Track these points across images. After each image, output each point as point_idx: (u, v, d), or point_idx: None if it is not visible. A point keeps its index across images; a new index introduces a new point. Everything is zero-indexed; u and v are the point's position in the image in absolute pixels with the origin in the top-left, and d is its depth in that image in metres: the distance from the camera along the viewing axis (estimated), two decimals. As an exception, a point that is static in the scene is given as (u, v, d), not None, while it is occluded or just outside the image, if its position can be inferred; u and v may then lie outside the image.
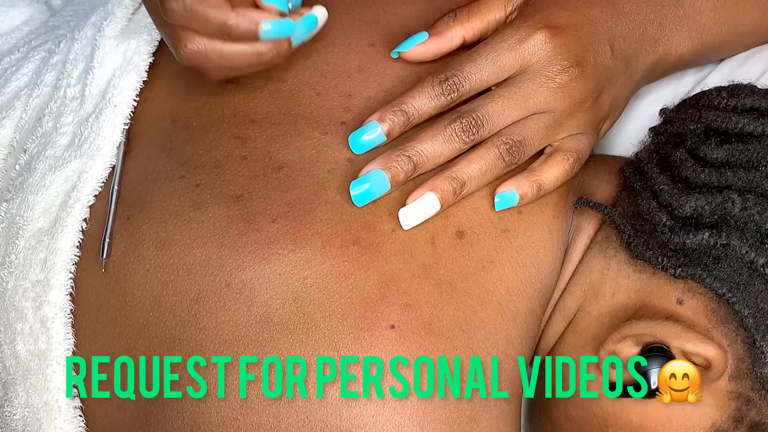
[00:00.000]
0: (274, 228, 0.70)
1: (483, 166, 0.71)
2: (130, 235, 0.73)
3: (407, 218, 0.70)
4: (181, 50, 0.68)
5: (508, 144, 0.71)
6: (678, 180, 0.74)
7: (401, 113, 0.71)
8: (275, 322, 0.68)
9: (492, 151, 0.71)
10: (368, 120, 0.71)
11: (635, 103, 0.91)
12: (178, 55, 0.68)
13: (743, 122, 0.75)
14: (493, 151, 0.71)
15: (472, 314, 0.70)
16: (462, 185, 0.71)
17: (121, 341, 0.72)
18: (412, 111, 0.71)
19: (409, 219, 0.70)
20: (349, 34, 0.79)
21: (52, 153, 0.78)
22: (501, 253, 0.72)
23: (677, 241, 0.72)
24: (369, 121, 0.71)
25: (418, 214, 0.70)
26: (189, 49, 0.67)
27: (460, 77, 0.71)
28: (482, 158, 0.71)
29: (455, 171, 0.71)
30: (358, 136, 0.71)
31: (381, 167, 0.70)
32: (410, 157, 0.70)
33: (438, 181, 0.70)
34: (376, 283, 0.69)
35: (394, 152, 0.70)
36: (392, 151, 0.70)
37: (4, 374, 0.75)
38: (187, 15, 0.66)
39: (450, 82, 0.71)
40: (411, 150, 0.70)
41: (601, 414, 0.73)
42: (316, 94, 0.76)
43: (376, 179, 0.70)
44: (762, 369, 0.70)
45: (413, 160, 0.70)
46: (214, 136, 0.75)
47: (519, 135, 0.72)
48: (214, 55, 0.68)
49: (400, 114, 0.71)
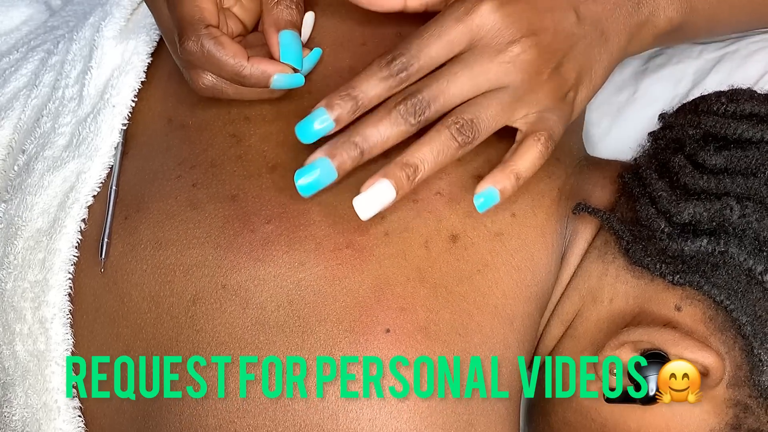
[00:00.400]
0: (269, 229, 0.70)
1: (434, 149, 0.67)
2: (128, 235, 0.73)
3: (363, 207, 0.67)
4: (196, 84, 0.71)
5: (459, 123, 0.67)
6: (677, 186, 0.74)
7: (348, 98, 0.66)
8: (271, 324, 0.68)
9: (443, 133, 0.67)
10: (316, 107, 0.67)
11: (634, 104, 0.92)
12: (194, 87, 0.72)
13: (742, 128, 0.75)
14: (443, 133, 0.67)
15: (469, 318, 0.70)
16: (415, 170, 0.67)
17: (120, 342, 0.72)
18: (360, 95, 0.66)
19: (366, 208, 0.67)
20: (341, 34, 0.78)
21: (50, 153, 0.78)
22: (495, 256, 0.72)
23: (675, 248, 0.72)
24: (317, 108, 0.67)
25: (374, 203, 0.67)
26: (204, 84, 0.72)
27: (407, 56, 0.66)
28: (433, 140, 0.67)
29: (406, 156, 0.67)
30: (309, 124, 0.67)
31: (327, 155, 0.66)
32: (356, 143, 0.66)
33: (390, 168, 0.67)
34: (370, 287, 0.69)
35: (339, 139, 0.66)
36: (338, 138, 0.67)
37: (3, 375, 0.76)
38: (203, 58, 0.69)
39: (397, 62, 0.66)
40: (356, 136, 0.66)
41: (599, 419, 0.74)
42: (308, 92, 0.76)
43: (322, 168, 0.67)
44: (760, 376, 0.70)
45: (359, 146, 0.66)
46: (210, 134, 0.75)
47: (470, 114, 0.68)
48: (229, 90, 0.72)
49: (347, 99, 0.67)
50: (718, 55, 0.93)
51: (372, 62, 0.67)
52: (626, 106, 0.93)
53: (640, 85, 0.94)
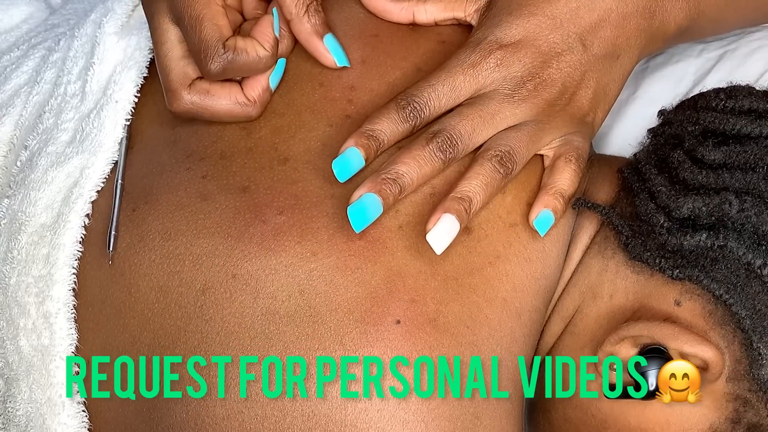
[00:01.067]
0: (281, 220, 0.71)
1: (483, 181, 0.71)
2: (136, 226, 0.73)
3: (437, 242, 0.70)
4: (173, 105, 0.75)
5: (498, 156, 0.72)
6: (676, 181, 0.75)
7: (375, 140, 0.71)
8: (281, 314, 0.68)
9: (486, 165, 0.72)
10: (346, 146, 0.71)
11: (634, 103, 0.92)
12: (170, 107, 0.75)
13: (741, 124, 0.75)
14: (487, 165, 0.72)
15: (478, 311, 0.71)
16: (470, 203, 0.71)
17: (126, 334, 0.72)
18: (383, 137, 0.71)
19: (439, 243, 0.70)
20: (353, 25, 0.79)
21: (53, 149, 0.78)
22: (508, 247, 0.73)
23: (675, 243, 0.73)
24: (348, 148, 0.71)
25: (445, 236, 0.70)
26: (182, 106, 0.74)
27: (420, 104, 0.72)
28: (479, 174, 0.71)
29: (459, 191, 0.71)
30: (346, 164, 0.71)
31: (372, 191, 0.69)
32: (396, 180, 0.70)
33: (449, 204, 0.70)
34: (382, 278, 0.69)
35: (379, 176, 0.70)
36: (378, 175, 0.70)
37: (7, 370, 0.75)
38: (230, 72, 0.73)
39: (411, 108, 0.71)
40: (395, 173, 0.70)
41: (600, 416, 0.74)
42: (319, 84, 0.76)
43: (371, 203, 0.69)
44: (759, 370, 0.70)
45: (399, 182, 0.70)
46: (219, 127, 0.75)
47: (505, 145, 0.72)
48: (205, 113, 0.74)
49: (374, 141, 0.71)
50: (718, 54, 0.93)
51: (387, 105, 0.72)
52: (627, 105, 0.93)
53: (641, 84, 0.94)
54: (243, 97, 0.74)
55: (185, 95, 0.74)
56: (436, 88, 0.72)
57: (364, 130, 0.71)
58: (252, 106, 0.74)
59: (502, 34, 0.73)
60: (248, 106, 0.74)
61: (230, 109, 0.74)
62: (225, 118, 0.74)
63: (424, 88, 0.72)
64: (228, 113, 0.74)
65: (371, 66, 0.77)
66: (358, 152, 0.71)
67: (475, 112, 0.72)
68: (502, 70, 0.72)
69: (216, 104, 0.74)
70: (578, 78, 0.74)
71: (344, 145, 0.71)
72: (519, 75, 0.72)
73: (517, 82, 0.72)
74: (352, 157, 0.70)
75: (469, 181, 0.71)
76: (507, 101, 0.72)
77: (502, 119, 0.73)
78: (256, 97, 0.74)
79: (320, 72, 0.76)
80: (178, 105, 0.74)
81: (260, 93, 0.74)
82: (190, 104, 0.74)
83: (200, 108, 0.74)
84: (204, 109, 0.74)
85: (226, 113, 0.74)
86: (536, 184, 0.76)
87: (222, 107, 0.74)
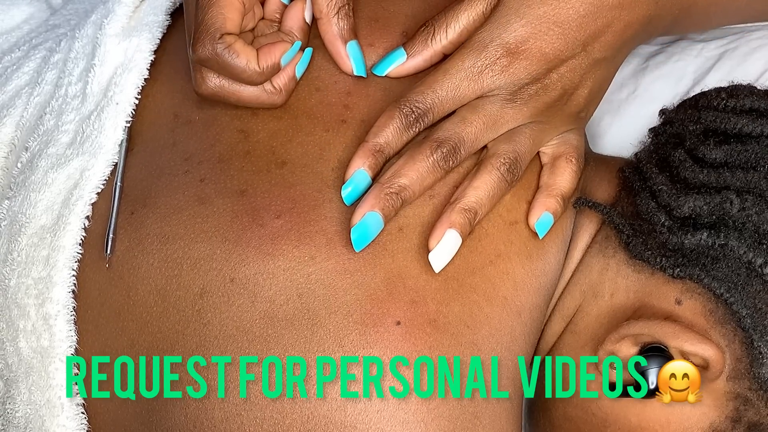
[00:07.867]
0: (278, 224, 0.71)
1: (489, 191, 0.71)
2: (134, 230, 0.73)
3: (437, 261, 0.70)
4: (199, 85, 0.73)
5: (507, 164, 0.72)
6: (677, 180, 0.75)
7: (381, 154, 0.71)
8: (279, 317, 0.68)
9: (494, 174, 0.72)
10: (353, 169, 0.71)
11: (634, 102, 0.92)
12: (197, 88, 0.73)
13: (742, 123, 0.75)
14: (495, 174, 0.72)
15: (478, 310, 0.71)
16: (475, 214, 0.71)
17: (124, 337, 0.72)
18: (387, 149, 0.71)
19: (440, 261, 0.70)
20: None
21: (54, 151, 0.78)
22: (509, 246, 0.73)
23: (676, 241, 0.73)
24: (355, 171, 0.71)
25: (446, 254, 0.70)
26: (208, 87, 0.73)
27: (424, 110, 0.72)
28: (487, 182, 0.72)
29: (465, 202, 0.71)
30: (355, 191, 0.71)
31: (375, 208, 0.69)
32: (398, 194, 0.70)
33: (452, 217, 0.70)
34: (382, 280, 0.69)
35: (381, 190, 0.70)
36: (380, 189, 0.70)
37: (7, 371, 0.75)
38: (217, 64, 0.72)
39: (415, 116, 0.71)
40: (398, 186, 0.70)
41: (600, 414, 0.74)
42: (316, 89, 0.76)
43: (372, 222, 0.69)
44: (760, 369, 0.70)
45: (401, 196, 0.70)
46: (217, 130, 0.75)
47: (513, 152, 0.72)
48: (231, 97, 0.74)
49: (379, 155, 0.71)
50: (718, 53, 0.93)
51: (389, 113, 0.72)
52: (626, 104, 0.93)
53: (641, 83, 0.94)
54: (270, 85, 0.74)
55: (212, 78, 0.73)
56: (440, 93, 0.72)
57: (368, 145, 0.71)
58: (278, 94, 0.74)
59: (509, 37, 0.72)
60: (274, 94, 0.74)
61: (257, 96, 0.74)
62: (251, 103, 0.74)
63: (427, 93, 0.72)
64: (255, 99, 0.74)
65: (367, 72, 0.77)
66: (364, 173, 0.71)
67: (479, 118, 0.72)
68: (507, 77, 0.72)
69: (243, 90, 0.73)
70: (578, 81, 0.74)
71: (351, 165, 0.71)
72: (522, 79, 0.72)
73: (519, 87, 0.72)
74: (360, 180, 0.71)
75: (476, 191, 0.71)
76: (509, 105, 0.72)
77: (503, 123, 0.73)
78: (282, 85, 0.74)
79: (317, 77, 0.76)
80: (205, 88, 0.73)
81: (286, 82, 0.74)
82: (218, 88, 0.73)
83: (228, 92, 0.73)
84: (231, 94, 0.73)
85: (254, 99, 0.74)
86: (535, 182, 0.76)
87: (250, 93, 0.73)
